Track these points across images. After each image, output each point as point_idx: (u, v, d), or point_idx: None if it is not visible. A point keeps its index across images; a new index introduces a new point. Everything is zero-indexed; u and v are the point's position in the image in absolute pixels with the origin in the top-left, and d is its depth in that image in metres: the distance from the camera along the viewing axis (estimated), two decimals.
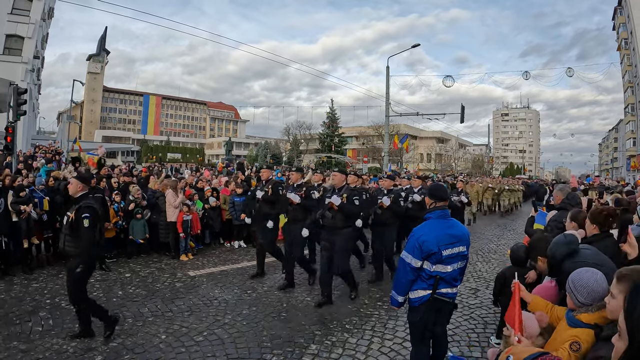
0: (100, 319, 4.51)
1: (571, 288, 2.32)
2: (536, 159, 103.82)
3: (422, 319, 3.32)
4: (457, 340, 4.62)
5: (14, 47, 27.81)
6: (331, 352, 4.32)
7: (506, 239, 11.86)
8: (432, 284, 3.22)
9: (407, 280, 3.27)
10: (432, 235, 3.22)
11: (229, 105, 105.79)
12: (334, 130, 56.28)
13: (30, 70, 28.45)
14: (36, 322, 4.91)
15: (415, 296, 3.30)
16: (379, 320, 5.21)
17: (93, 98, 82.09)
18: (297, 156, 58.55)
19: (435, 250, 3.17)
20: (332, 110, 56.89)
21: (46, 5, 30.41)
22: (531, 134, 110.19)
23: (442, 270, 3.21)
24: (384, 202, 6.85)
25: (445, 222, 3.36)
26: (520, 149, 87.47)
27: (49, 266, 7.39)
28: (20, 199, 6.89)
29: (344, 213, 5.64)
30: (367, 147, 58.18)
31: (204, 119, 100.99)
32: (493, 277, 7.16)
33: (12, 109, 11.94)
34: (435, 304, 3.27)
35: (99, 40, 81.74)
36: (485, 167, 61.31)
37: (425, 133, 68.69)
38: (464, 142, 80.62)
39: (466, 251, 3.38)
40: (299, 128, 64.46)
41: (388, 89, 26.04)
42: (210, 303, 5.75)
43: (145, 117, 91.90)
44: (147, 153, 55.64)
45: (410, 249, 3.24)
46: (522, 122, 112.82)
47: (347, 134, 60.68)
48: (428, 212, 3.44)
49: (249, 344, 4.45)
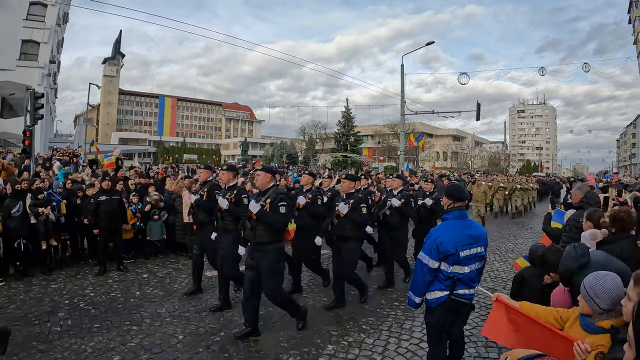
0: None
1: (591, 295, 2.26)
2: (553, 156, 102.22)
3: (439, 320, 3.29)
4: (474, 342, 4.55)
5: (30, 52, 28.23)
6: (348, 352, 4.29)
7: (523, 237, 11.68)
8: (449, 285, 3.19)
9: (424, 281, 3.25)
10: (450, 236, 3.19)
11: (244, 105, 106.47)
12: (350, 129, 56.22)
13: (46, 74, 28.87)
14: (55, 323, 4.96)
15: (432, 297, 3.27)
16: (396, 321, 5.17)
17: (109, 101, 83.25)
18: (313, 156, 58.63)
19: (453, 251, 3.13)
20: (347, 109, 56.85)
21: (61, 10, 30.82)
22: (548, 131, 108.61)
23: (460, 271, 3.18)
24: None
25: (463, 223, 3.32)
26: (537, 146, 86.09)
27: (67, 267, 7.48)
28: (38, 201, 7.00)
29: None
30: (383, 145, 58.05)
31: (219, 119, 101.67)
32: (510, 277, 7.08)
33: (29, 113, 12.11)
34: (452, 305, 3.24)
35: (114, 43, 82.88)
36: (502, 164, 60.61)
37: (441, 131, 68.27)
38: (480, 139, 79.84)
39: (484, 252, 3.33)
40: (314, 128, 64.60)
41: (403, 87, 25.90)
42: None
43: (161, 119, 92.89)
44: (163, 154, 56.26)
45: (428, 250, 3.22)
46: (539, 118, 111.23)
47: (362, 133, 60.59)
48: (445, 213, 3.41)
49: (265, 344, 4.45)
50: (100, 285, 6.48)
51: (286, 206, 4.49)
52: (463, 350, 3.64)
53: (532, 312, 2.60)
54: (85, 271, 7.26)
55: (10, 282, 6.52)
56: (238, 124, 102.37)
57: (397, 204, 6.62)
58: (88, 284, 6.57)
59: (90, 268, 7.44)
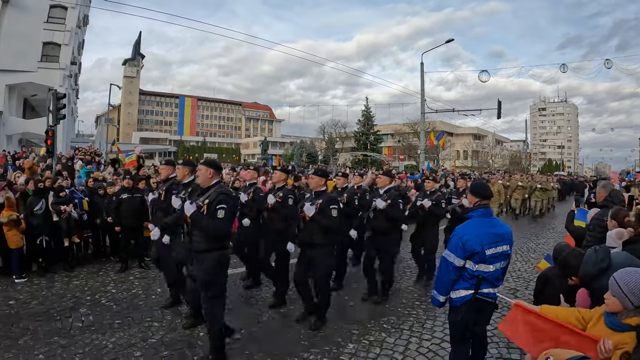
0: None
1: (625, 292, 2.20)
2: (575, 154, 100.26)
3: (463, 319, 3.24)
4: (496, 342, 4.46)
5: (51, 54, 28.84)
6: (369, 351, 4.26)
7: (546, 237, 11.46)
8: (474, 284, 3.15)
9: (449, 280, 3.21)
10: (475, 234, 3.15)
11: (263, 105, 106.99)
12: (370, 128, 56.12)
13: (67, 75, 29.48)
14: (76, 318, 5.01)
15: (456, 296, 3.22)
16: (417, 320, 5.11)
17: (130, 101, 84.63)
18: (333, 155, 58.66)
19: (479, 249, 3.09)
20: (367, 108, 56.72)
21: (81, 13, 31.42)
22: (569, 129, 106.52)
23: (485, 269, 3.13)
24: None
25: (489, 221, 3.28)
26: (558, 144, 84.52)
27: (89, 264, 7.58)
28: (61, 199, 7.11)
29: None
30: (403, 144, 57.68)
31: (239, 119, 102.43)
32: (532, 276, 7.00)
33: (51, 113, 12.35)
34: (476, 304, 3.18)
35: (133, 45, 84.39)
36: (523, 163, 59.66)
37: (462, 130, 67.62)
38: (501, 138, 78.71)
39: (509, 250, 3.28)
40: (334, 127, 64.59)
41: (423, 86, 25.76)
42: (247, 301, 5.75)
43: (181, 119, 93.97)
44: (183, 154, 56.81)
45: (453, 248, 3.18)
46: (560, 116, 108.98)
47: (382, 131, 60.46)
48: (471, 211, 3.38)
49: (286, 342, 4.43)
50: (122, 282, 6.54)
51: (226, 209, 3.78)
52: (486, 350, 3.57)
53: (551, 314, 2.56)
54: (107, 268, 7.35)
55: (33, 278, 6.62)
56: (258, 123, 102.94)
57: (381, 205, 5.58)
58: (110, 280, 6.64)
59: (112, 265, 7.52)
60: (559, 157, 78.18)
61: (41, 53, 28.44)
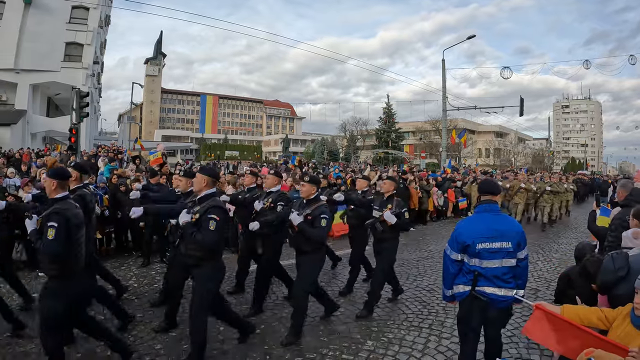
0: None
1: None
2: (599, 153, 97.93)
3: (464, 316, 3.35)
4: (516, 342, 4.41)
5: (73, 54, 29.42)
6: (388, 348, 4.25)
7: (567, 237, 11.24)
8: (471, 279, 3.22)
9: (449, 273, 3.34)
10: (468, 228, 3.29)
11: (285, 102, 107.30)
12: (391, 125, 55.80)
13: (90, 75, 30.03)
14: (99, 312, 5.05)
15: (457, 291, 3.33)
16: (437, 319, 5.07)
17: (152, 99, 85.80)
18: (354, 152, 58.53)
19: (469, 242, 3.19)
20: (388, 105, 56.44)
21: (102, 13, 31.98)
22: (593, 127, 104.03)
23: (479, 265, 3.18)
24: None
25: (490, 216, 3.29)
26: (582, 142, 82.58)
27: (111, 259, 7.72)
28: None
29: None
30: (425, 142, 57.26)
31: (260, 117, 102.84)
32: (554, 276, 6.88)
33: (75, 111, 12.62)
34: (476, 303, 3.21)
35: (155, 44, 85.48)
36: (546, 162, 58.56)
37: (484, 127, 66.79)
38: (524, 136, 77.41)
39: (511, 248, 3.19)
40: (355, 124, 64.44)
41: (444, 83, 25.47)
42: (269, 296, 5.76)
43: (203, 116, 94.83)
44: (205, 151, 57.20)
45: (450, 241, 3.34)
46: (584, 114, 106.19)
47: (404, 129, 59.96)
48: (475, 206, 3.49)
49: (305, 338, 4.45)
50: (144, 277, 6.66)
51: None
52: (499, 352, 3.49)
53: (573, 314, 2.53)
54: (129, 263, 7.49)
55: None
56: (279, 121, 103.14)
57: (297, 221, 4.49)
58: (132, 275, 6.77)
59: (134, 260, 7.66)
60: (582, 156, 76.53)
61: (64, 53, 29.02)
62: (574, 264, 4.17)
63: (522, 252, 3.25)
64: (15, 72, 27.21)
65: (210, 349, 4.04)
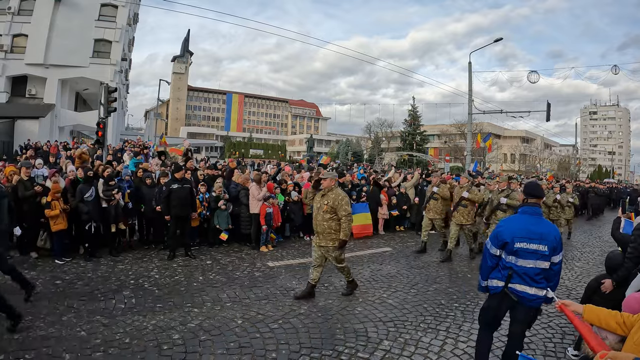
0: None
1: None
2: (626, 161, 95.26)
3: (490, 307, 3.54)
4: (533, 349, 4.35)
5: (102, 50, 30.10)
6: (403, 349, 4.22)
7: (591, 246, 10.96)
8: (505, 276, 3.37)
9: (487, 266, 3.53)
10: (509, 226, 3.43)
11: (310, 102, 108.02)
12: (416, 128, 55.36)
13: (118, 71, 30.63)
14: (119, 300, 5.23)
15: (491, 284, 3.50)
16: (454, 322, 5.01)
17: (178, 97, 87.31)
18: (378, 154, 58.23)
19: (508, 240, 3.34)
20: (414, 108, 56.04)
21: (131, 11, 32.58)
22: (621, 134, 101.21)
23: (515, 262, 3.33)
24: None
25: (532, 219, 3.41)
26: (609, 150, 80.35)
27: (134, 250, 7.90)
28: (110, 187, 7.41)
29: None
30: (449, 145, 56.68)
31: (285, 116, 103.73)
32: (575, 285, 6.86)
33: (103, 106, 12.90)
34: (507, 300, 3.38)
35: (182, 42, 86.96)
36: (572, 169, 57.27)
37: (510, 132, 65.62)
38: (550, 142, 75.89)
39: (547, 251, 3.30)
40: (380, 126, 64.23)
41: (470, 86, 25.10)
42: (287, 293, 5.82)
43: (228, 115, 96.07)
44: (230, 149, 57.65)
45: (491, 237, 3.53)
46: (612, 121, 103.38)
47: (429, 132, 59.39)
48: (520, 207, 3.61)
49: (322, 335, 4.47)
50: (165, 269, 6.77)
51: None
52: (520, 349, 3.42)
53: (594, 315, 2.53)
54: (151, 255, 7.63)
55: (80, 261, 6.96)
56: (304, 120, 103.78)
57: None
58: (153, 266, 6.89)
59: (156, 252, 7.80)
60: (609, 164, 74.55)
61: (93, 49, 29.67)
62: (596, 273, 4.11)
63: (557, 257, 3.35)
64: (45, 67, 27.92)
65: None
